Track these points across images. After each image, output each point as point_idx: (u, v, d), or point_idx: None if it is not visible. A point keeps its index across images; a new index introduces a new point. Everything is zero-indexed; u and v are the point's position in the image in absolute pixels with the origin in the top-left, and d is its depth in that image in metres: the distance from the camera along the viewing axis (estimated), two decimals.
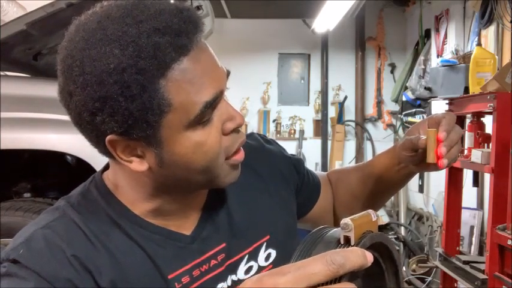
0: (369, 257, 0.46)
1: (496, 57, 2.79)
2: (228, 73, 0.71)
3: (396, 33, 5.16)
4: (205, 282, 0.73)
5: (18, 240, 0.69)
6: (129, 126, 0.63)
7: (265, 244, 0.80)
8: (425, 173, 4.54)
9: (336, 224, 0.96)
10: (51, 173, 2.52)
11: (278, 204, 0.86)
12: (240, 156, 0.73)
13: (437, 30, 4.04)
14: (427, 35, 4.30)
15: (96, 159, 2.10)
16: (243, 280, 0.72)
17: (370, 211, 0.55)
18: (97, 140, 0.66)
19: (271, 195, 0.86)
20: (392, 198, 5.13)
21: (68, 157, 2.29)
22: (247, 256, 0.78)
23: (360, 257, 0.45)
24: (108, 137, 0.64)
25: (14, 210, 2.09)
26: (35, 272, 0.64)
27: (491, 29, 3.13)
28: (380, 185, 0.94)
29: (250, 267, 0.78)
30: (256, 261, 0.79)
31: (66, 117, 0.67)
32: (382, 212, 5.01)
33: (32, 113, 2.09)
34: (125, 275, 0.68)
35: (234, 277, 0.76)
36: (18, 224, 2.04)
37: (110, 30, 0.61)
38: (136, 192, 0.72)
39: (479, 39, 3.19)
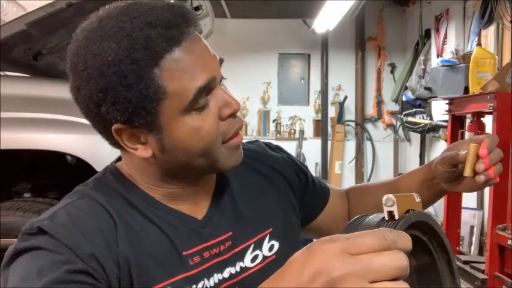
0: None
1: (496, 57, 2.79)
2: (221, 61, 0.75)
3: (396, 33, 5.17)
4: (214, 265, 0.77)
5: (41, 217, 0.71)
6: (130, 114, 0.68)
7: (268, 236, 0.84)
8: None
9: None
10: (51, 173, 2.51)
11: (280, 201, 0.90)
12: (238, 139, 0.76)
13: (437, 30, 4.04)
14: (427, 35, 4.31)
15: (96, 159, 2.11)
16: (249, 267, 0.79)
17: (414, 193, 0.52)
18: (105, 130, 0.72)
19: (273, 193, 0.90)
20: None
21: (68, 157, 2.28)
22: (252, 245, 0.82)
23: (410, 242, 0.44)
24: (114, 126, 0.70)
25: (14, 210, 2.08)
26: (63, 243, 0.65)
27: (491, 29, 3.13)
28: None
29: (256, 256, 0.82)
30: (261, 250, 0.83)
31: (66, 117, 0.69)
32: None
33: (32, 113, 2.09)
34: (144, 248, 0.72)
35: (241, 264, 0.80)
36: (18, 224, 2.04)
37: (107, 27, 0.68)
38: (147, 179, 0.77)
39: (479, 39, 3.19)
